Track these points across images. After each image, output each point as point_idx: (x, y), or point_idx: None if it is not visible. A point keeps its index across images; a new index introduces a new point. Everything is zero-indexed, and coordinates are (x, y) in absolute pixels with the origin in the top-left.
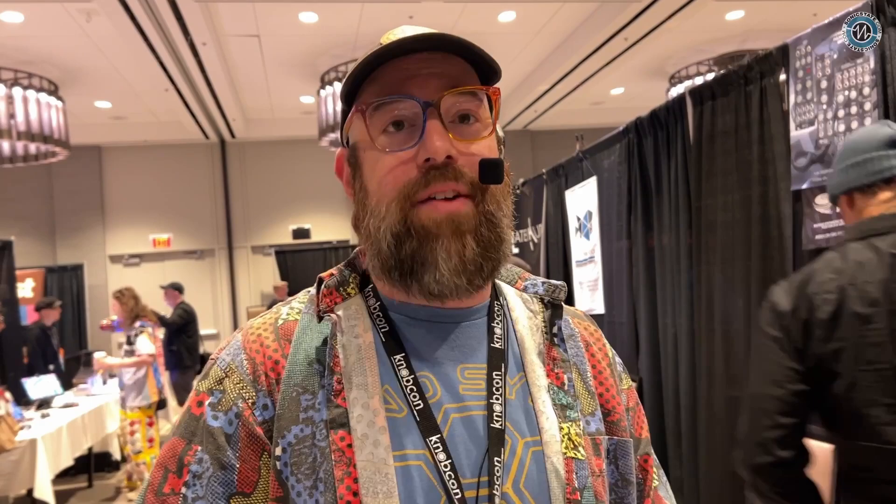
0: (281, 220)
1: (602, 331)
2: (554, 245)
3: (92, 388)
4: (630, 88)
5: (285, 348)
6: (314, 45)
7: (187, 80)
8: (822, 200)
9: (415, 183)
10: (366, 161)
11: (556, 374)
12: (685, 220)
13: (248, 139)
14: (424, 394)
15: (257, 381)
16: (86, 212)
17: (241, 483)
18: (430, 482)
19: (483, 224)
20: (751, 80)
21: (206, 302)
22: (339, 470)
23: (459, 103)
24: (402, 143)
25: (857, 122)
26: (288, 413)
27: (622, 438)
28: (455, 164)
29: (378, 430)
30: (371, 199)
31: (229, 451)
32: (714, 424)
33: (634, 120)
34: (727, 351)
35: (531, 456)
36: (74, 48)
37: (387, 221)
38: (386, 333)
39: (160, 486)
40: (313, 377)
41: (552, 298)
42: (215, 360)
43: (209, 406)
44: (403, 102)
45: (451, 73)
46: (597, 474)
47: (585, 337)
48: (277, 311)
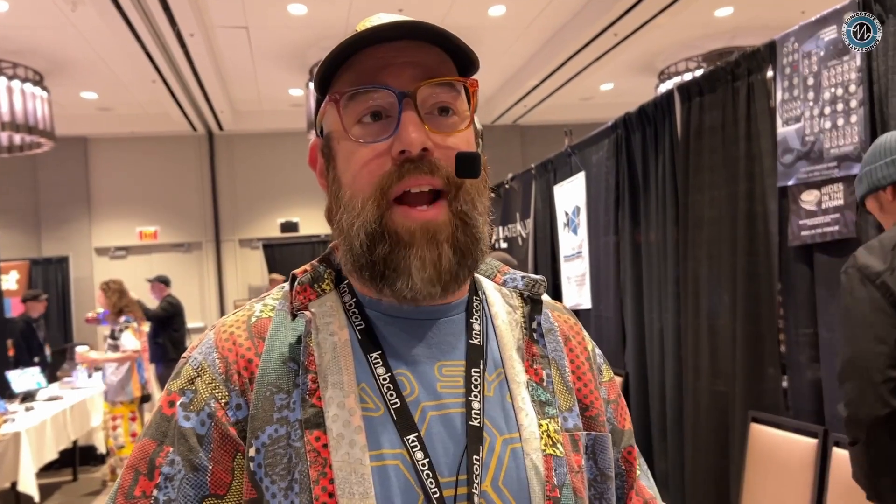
0: (269, 214)
1: (589, 326)
2: (542, 240)
3: (77, 382)
4: (619, 84)
5: (259, 346)
6: (303, 37)
7: (175, 71)
8: (808, 197)
9: (389, 176)
10: (339, 152)
11: (535, 371)
12: (672, 215)
13: (236, 131)
14: (402, 392)
15: (230, 381)
16: (71, 204)
17: (214, 485)
18: (408, 482)
19: (458, 228)
20: (738, 76)
21: (194, 295)
22: (314, 470)
23: (436, 94)
24: (377, 135)
25: (843, 119)
26: (262, 413)
27: (600, 433)
28: (431, 157)
29: (354, 430)
30: (345, 192)
31: (201, 453)
32: (699, 418)
33: (623, 115)
34: (713, 346)
35: (510, 453)
36: (60, 38)
37: (361, 219)
38: (362, 331)
39: (130, 488)
40: (288, 376)
41: (532, 293)
42: (187, 359)
43: (181, 406)
44: (378, 92)
45: (427, 63)
46: (576, 471)
47: (565, 330)
48: (251, 308)
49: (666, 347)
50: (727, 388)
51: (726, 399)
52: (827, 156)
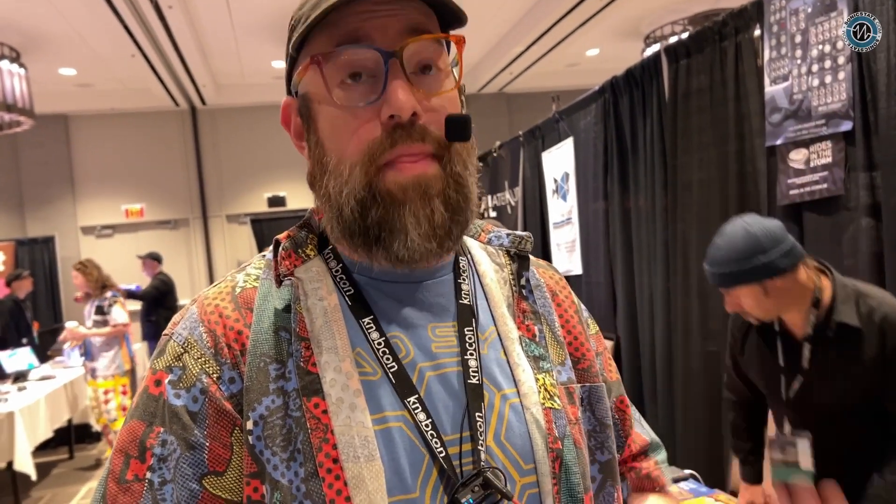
0: (255, 188)
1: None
2: (531, 207)
3: (68, 361)
4: (605, 49)
5: (247, 317)
6: (285, 7)
7: (154, 44)
8: (797, 156)
9: (379, 143)
10: (321, 115)
11: (526, 326)
12: (661, 179)
13: (219, 106)
14: (397, 355)
15: (220, 354)
16: (55, 183)
17: (213, 462)
18: (412, 442)
19: (450, 186)
20: (725, 36)
21: (183, 272)
22: (316, 438)
23: (422, 52)
24: (363, 97)
25: (831, 77)
26: (257, 385)
27: (594, 384)
28: (420, 122)
29: (353, 394)
30: (330, 157)
31: (196, 430)
32: (690, 381)
33: (610, 80)
34: (703, 307)
35: (509, 408)
36: (35, 13)
37: (350, 185)
38: (351, 297)
39: (122, 472)
40: (280, 345)
41: (518, 250)
42: (170, 336)
43: (169, 384)
44: (362, 51)
45: (411, 17)
46: (573, 422)
47: (551, 286)
48: (233, 279)
49: (656, 311)
50: (718, 347)
51: (717, 359)
52: (815, 114)
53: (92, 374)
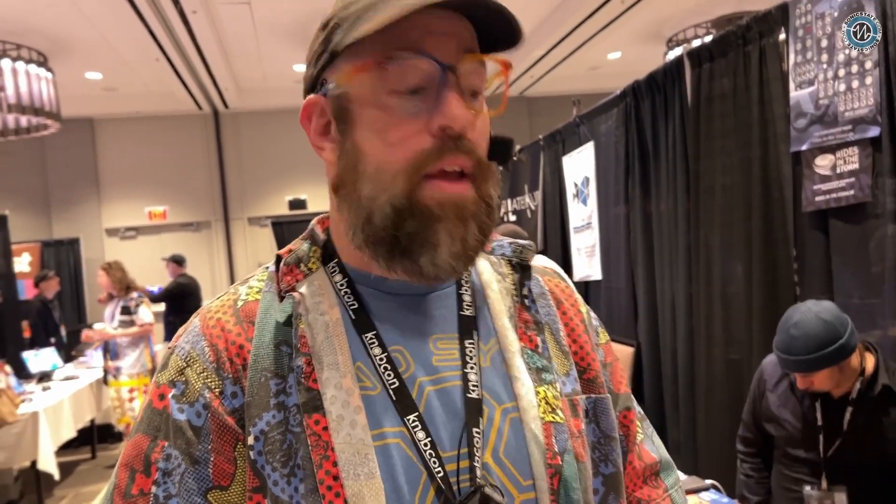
0: (277, 191)
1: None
2: (551, 212)
3: (91, 361)
4: (627, 53)
5: (249, 331)
6: (306, 12)
7: (178, 49)
8: (823, 161)
9: (427, 153)
10: (364, 118)
11: (528, 337)
12: (683, 183)
13: (241, 109)
14: (398, 370)
15: (222, 369)
16: (80, 185)
17: (217, 476)
18: (410, 459)
19: (482, 210)
20: (749, 40)
21: (204, 274)
22: (316, 454)
23: (474, 72)
24: (415, 107)
25: (858, 82)
26: (258, 399)
27: (600, 395)
28: (468, 138)
29: (353, 410)
30: (368, 162)
31: (200, 445)
32: (713, 387)
33: (632, 83)
34: (726, 314)
35: (509, 423)
36: (62, 18)
37: (389, 192)
38: (355, 311)
39: (127, 487)
40: (281, 360)
41: (520, 259)
42: (173, 349)
43: (173, 398)
44: (421, 61)
45: (465, 36)
46: (576, 436)
47: (557, 294)
48: (235, 292)
49: (678, 317)
50: (741, 355)
51: (740, 366)
52: (841, 119)
53: (115, 373)
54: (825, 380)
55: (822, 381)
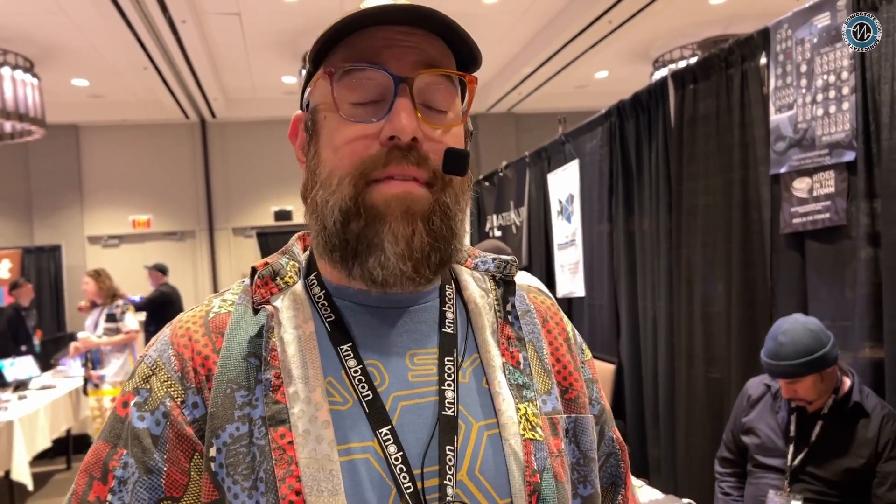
0: (262, 202)
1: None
2: (536, 228)
3: (70, 370)
4: (614, 72)
5: (217, 342)
6: (296, 24)
7: (167, 58)
8: (800, 184)
9: (373, 160)
10: (324, 127)
11: (510, 353)
12: (665, 203)
13: (229, 119)
14: (373, 382)
15: (186, 378)
16: (63, 192)
17: (170, 487)
18: (379, 475)
19: (436, 213)
20: (732, 63)
21: (187, 284)
22: (280, 469)
23: (433, 86)
24: (368, 116)
25: (835, 107)
26: (221, 411)
27: (581, 415)
28: (419, 148)
29: (321, 425)
30: (323, 168)
31: (156, 454)
32: (693, 406)
33: (617, 103)
34: (707, 333)
35: (487, 440)
36: (50, 24)
37: (336, 196)
38: (332, 323)
39: (84, 493)
40: (249, 372)
41: (504, 275)
42: (143, 358)
43: (134, 406)
44: (376, 73)
45: (429, 52)
46: (555, 454)
47: (542, 312)
48: (209, 304)
49: (659, 335)
50: (722, 374)
51: (720, 385)
52: (819, 143)
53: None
54: (809, 388)
55: (806, 390)
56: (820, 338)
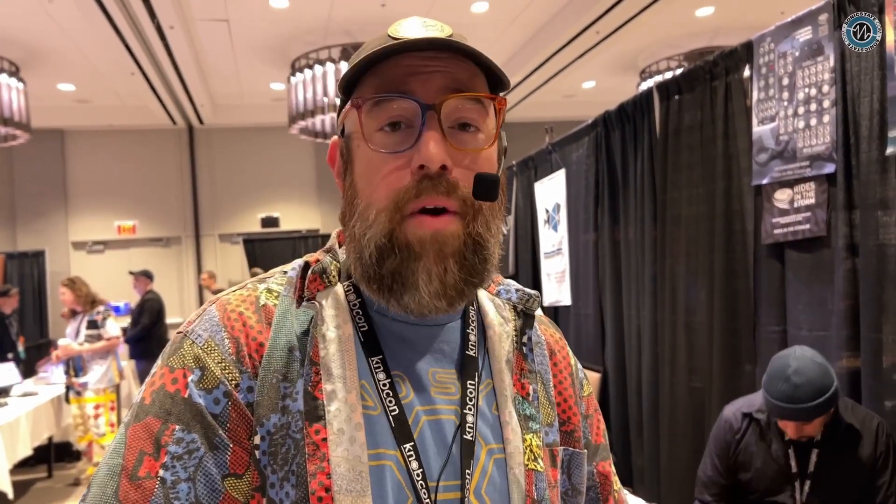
0: (249, 209)
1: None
2: (523, 237)
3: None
4: (602, 82)
5: (267, 331)
6: (285, 30)
7: (154, 64)
8: (782, 195)
9: (406, 191)
10: (357, 158)
11: (521, 385)
12: (650, 213)
13: (216, 125)
14: (398, 395)
15: (241, 362)
16: (48, 197)
17: (234, 464)
18: (400, 484)
19: (469, 247)
20: (716, 75)
21: (173, 290)
22: (312, 464)
23: (461, 109)
24: (398, 146)
25: (816, 119)
26: (267, 400)
27: (576, 450)
28: (449, 176)
29: (354, 427)
30: (360, 200)
31: (220, 430)
32: (676, 414)
33: (603, 113)
34: (690, 342)
35: (493, 463)
36: (37, 28)
37: (373, 231)
38: (365, 333)
39: (135, 469)
40: (292, 364)
41: (525, 308)
42: (186, 334)
43: (192, 382)
44: (403, 102)
45: (456, 76)
46: (552, 485)
47: (551, 345)
48: (255, 289)
49: (643, 344)
50: (703, 384)
51: (702, 395)
52: (800, 155)
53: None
54: (818, 425)
55: (815, 427)
56: (828, 371)
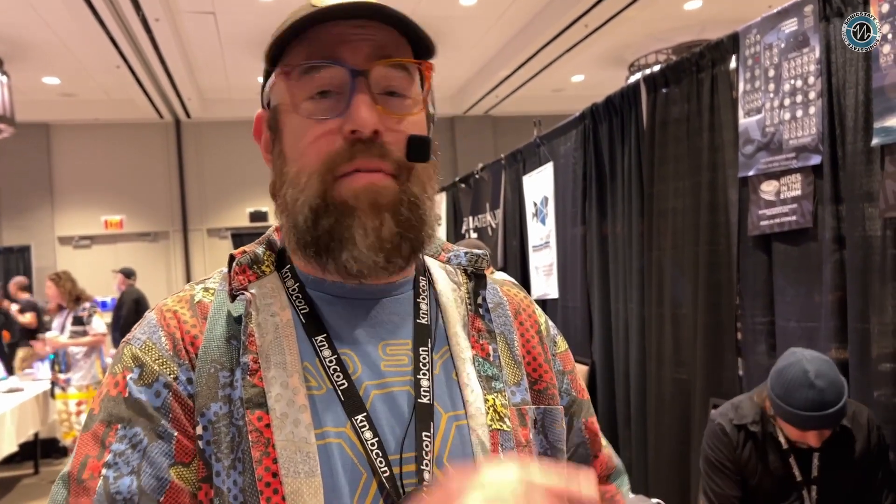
0: (237, 203)
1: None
2: (511, 230)
3: (38, 373)
4: (590, 76)
5: (202, 325)
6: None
7: (140, 57)
8: (768, 187)
9: (338, 154)
10: (286, 126)
11: (480, 345)
12: (637, 206)
13: (204, 119)
14: (347, 371)
15: (178, 356)
16: (33, 192)
17: (179, 453)
18: (351, 460)
19: (404, 204)
20: (703, 67)
21: (160, 285)
22: (256, 451)
23: (390, 76)
24: (328, 112)
25: (802, 111)
26: (206, 390)
27: (550, 406)
28: (381, 140)
29: (298, 409)
30: (290, 167)
31: (163, 421)
32: (663, 406)
33: (590, 106)
34: (676, 334)
35: (455, 430)
36: (20, 21)
37: (305, 193)
38: (306, 314)
39: (80, 473)
40: (231, 353)
41: (475, 269)
42: (128, 342)
43: (130, 380)
44: (332, 69)
45: (384, 43)
46: (523, 445)
47: (514, 304)
48: (192, 289)
49: (631, 337)
50: (689, 376)
51: (688, 387)
52: (786, 146)
53: (64, 385)
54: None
55: (823, 432)
56: (834, 364)
